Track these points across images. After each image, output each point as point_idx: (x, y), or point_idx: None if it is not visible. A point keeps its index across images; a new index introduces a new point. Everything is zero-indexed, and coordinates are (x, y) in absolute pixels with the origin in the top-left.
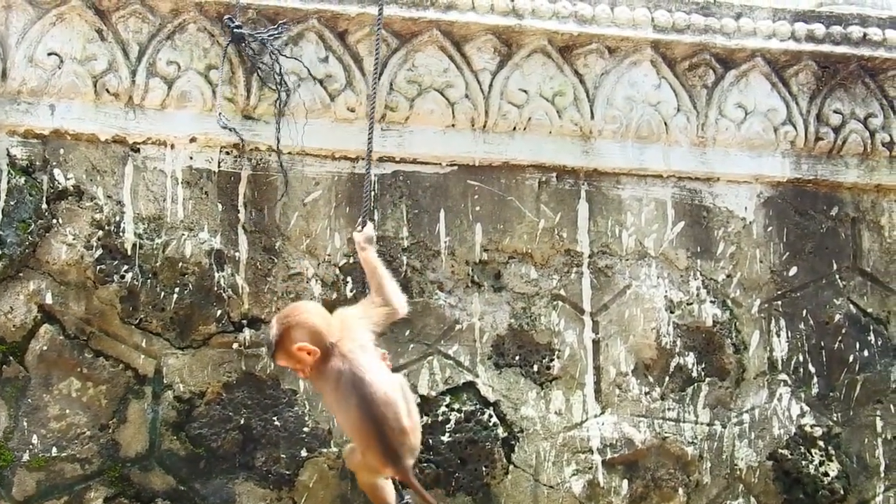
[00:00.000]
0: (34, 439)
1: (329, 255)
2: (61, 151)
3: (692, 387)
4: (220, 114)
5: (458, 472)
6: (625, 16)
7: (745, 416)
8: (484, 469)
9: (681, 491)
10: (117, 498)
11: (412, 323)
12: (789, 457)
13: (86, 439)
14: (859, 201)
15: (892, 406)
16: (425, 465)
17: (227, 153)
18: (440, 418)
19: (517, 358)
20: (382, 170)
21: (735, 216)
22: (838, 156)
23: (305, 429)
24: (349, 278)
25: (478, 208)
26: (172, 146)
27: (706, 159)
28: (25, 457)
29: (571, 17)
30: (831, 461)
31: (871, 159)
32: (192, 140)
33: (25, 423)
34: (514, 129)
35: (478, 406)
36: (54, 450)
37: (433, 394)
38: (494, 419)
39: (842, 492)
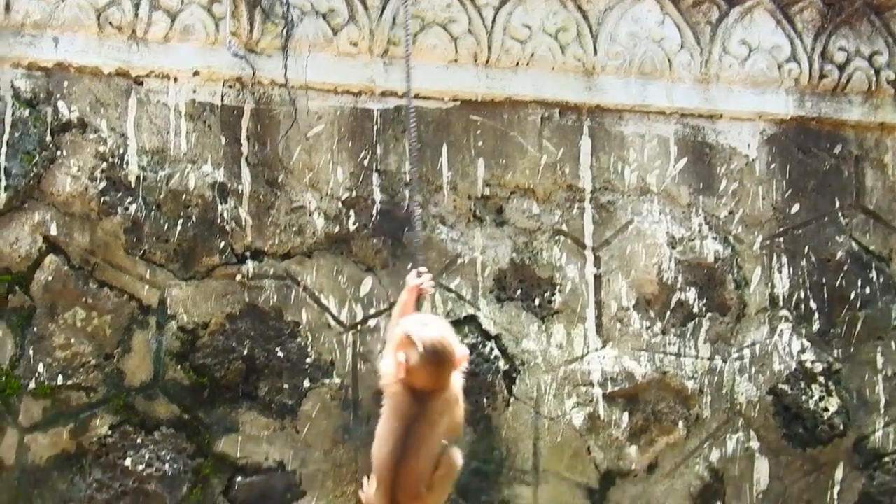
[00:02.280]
0: (40, 367)
1: (332, 189)
2: (65, 84)
3: (693, 322)
4: (229, 42)
5: None
6: None
7: (746, 352)
8: (485, 401)
9: (681, 424)
10: (122, 426)
11: (414, 257)
12: (789, 392)
13: (91, 368)
14: (863, 139)
15: (892, 343)
16: None
17: (230, 87)
18: None
19: (519, 292)
20: (385, 104)
21: (738, 153)
22: (842, 93)
23: (308, 360)
24: (351, 212)
25: (480, 143)
26: (176, 79)
27: (709, 96)
28: (31, 385)
29: None
30: (831, 397)
31: (876, 97)
32: (196, 73)
33: (31, 352)
34: (517, 64)
35: (479, 339)
36: (60, 378)
37: None
38: (496, 352)
39: (841, 427)
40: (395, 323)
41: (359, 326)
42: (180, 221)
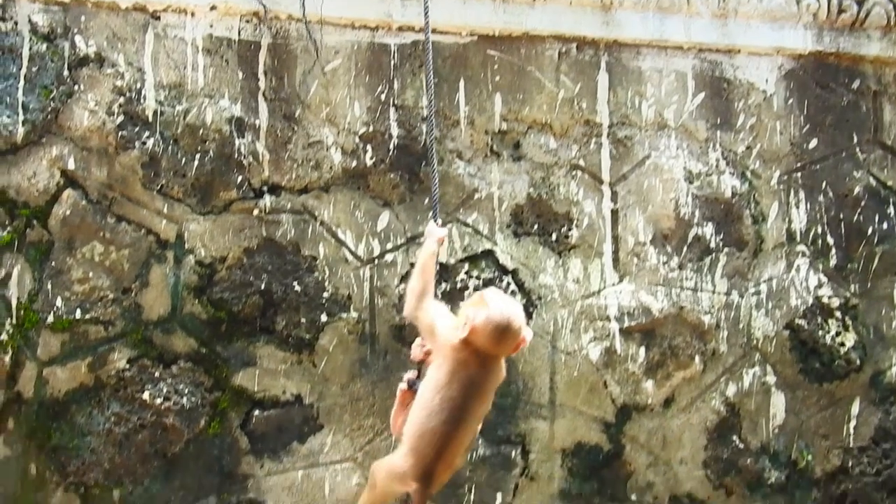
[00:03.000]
0: (58, 302)
1: (349, 124)
2: (82, 18)
3: (710, 257)
4: None
5: None
6: None
7: (763, 287)
8: None
9: (697, 359)
10: (140, 359)
11: (431, 192)
12: (806, 327)
13: (109, 302)
14: (881, 74)
15: None
16: None
17: (247, 21)
18: (459, 285)
19: (536, 227)
20: (402, 39)
21: (756, 88)
22: (861, 29)
23: (325, 294)
24: (369, 146)
25: (497, 78)
26: (193, 14)
27: (727, 31)
28: (50, 318)
29: None
30: (848, 332)
31: (895, 32)
32: (213, 8)
33: (49, 286)
34: None
35: (496, 273)
36: (78, 312)
37: (452, 261)
38: (513, 286)
39: (858, 362)
40: (417, 275)
41: (376, 261)
42: (198, 156)
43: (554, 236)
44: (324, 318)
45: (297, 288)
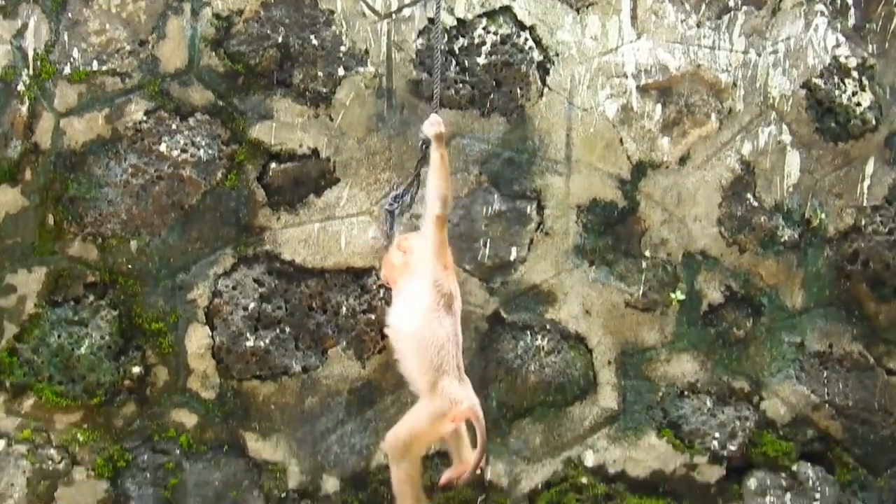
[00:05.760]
0: (75, 53)
1: None
2: None
3: (728, 15)
4: None
5: (493, 93)
6: None
7: (781, 46)
8: (519, 91)
9: (713, 117)
10: (157, 111)
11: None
12: (823, 86)
13: (126, 54)
14: None
15: None
16: (461, 86)
17: None
18: (476, 41)
19: None
20: None
21: None
22: None
23: (342, 48)
24: None
25: None
26: None
27: None
28: (67, 70)
29: None
30: (864, 91)
31: None
32: None
33: (66, 37)
34: None
35: (514, 29)
36: (95, 63)
37: (470, 16)
38: (530, 42)
39: (873, 122)
40: (446, 179)
41: (393, 15)
42: None
43: None
44: (341, 71)
45: (315, 41)
